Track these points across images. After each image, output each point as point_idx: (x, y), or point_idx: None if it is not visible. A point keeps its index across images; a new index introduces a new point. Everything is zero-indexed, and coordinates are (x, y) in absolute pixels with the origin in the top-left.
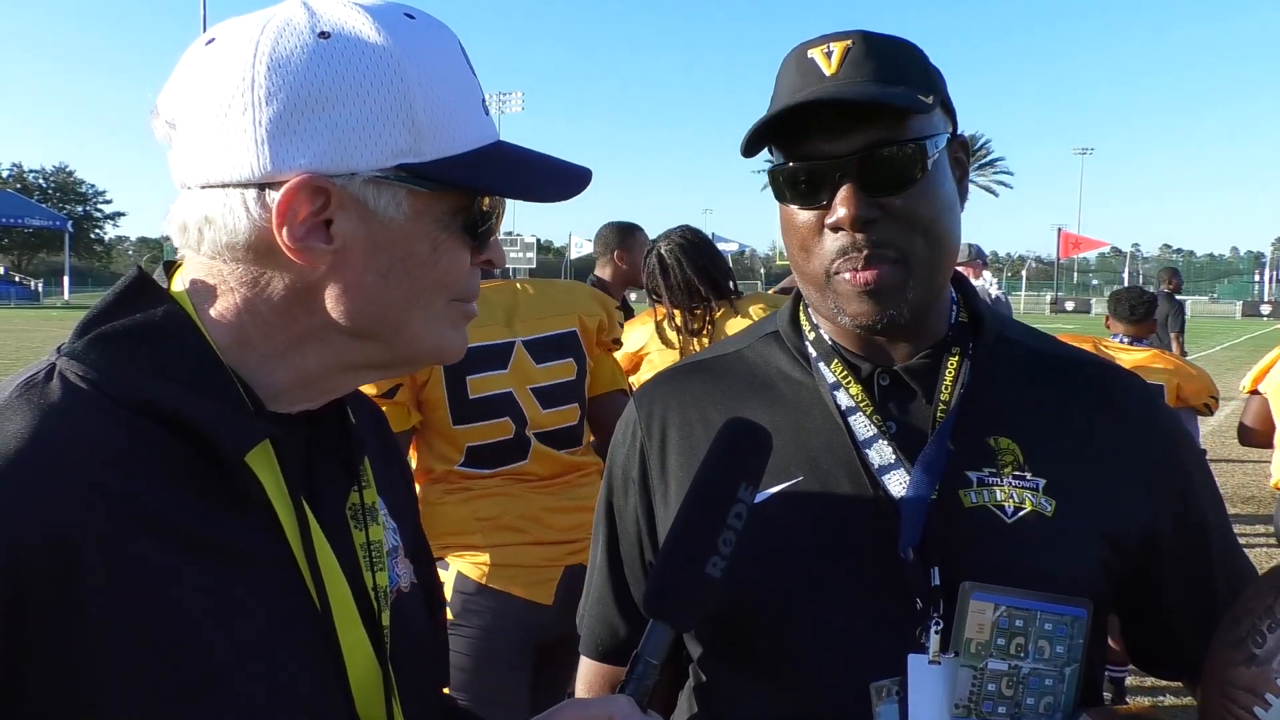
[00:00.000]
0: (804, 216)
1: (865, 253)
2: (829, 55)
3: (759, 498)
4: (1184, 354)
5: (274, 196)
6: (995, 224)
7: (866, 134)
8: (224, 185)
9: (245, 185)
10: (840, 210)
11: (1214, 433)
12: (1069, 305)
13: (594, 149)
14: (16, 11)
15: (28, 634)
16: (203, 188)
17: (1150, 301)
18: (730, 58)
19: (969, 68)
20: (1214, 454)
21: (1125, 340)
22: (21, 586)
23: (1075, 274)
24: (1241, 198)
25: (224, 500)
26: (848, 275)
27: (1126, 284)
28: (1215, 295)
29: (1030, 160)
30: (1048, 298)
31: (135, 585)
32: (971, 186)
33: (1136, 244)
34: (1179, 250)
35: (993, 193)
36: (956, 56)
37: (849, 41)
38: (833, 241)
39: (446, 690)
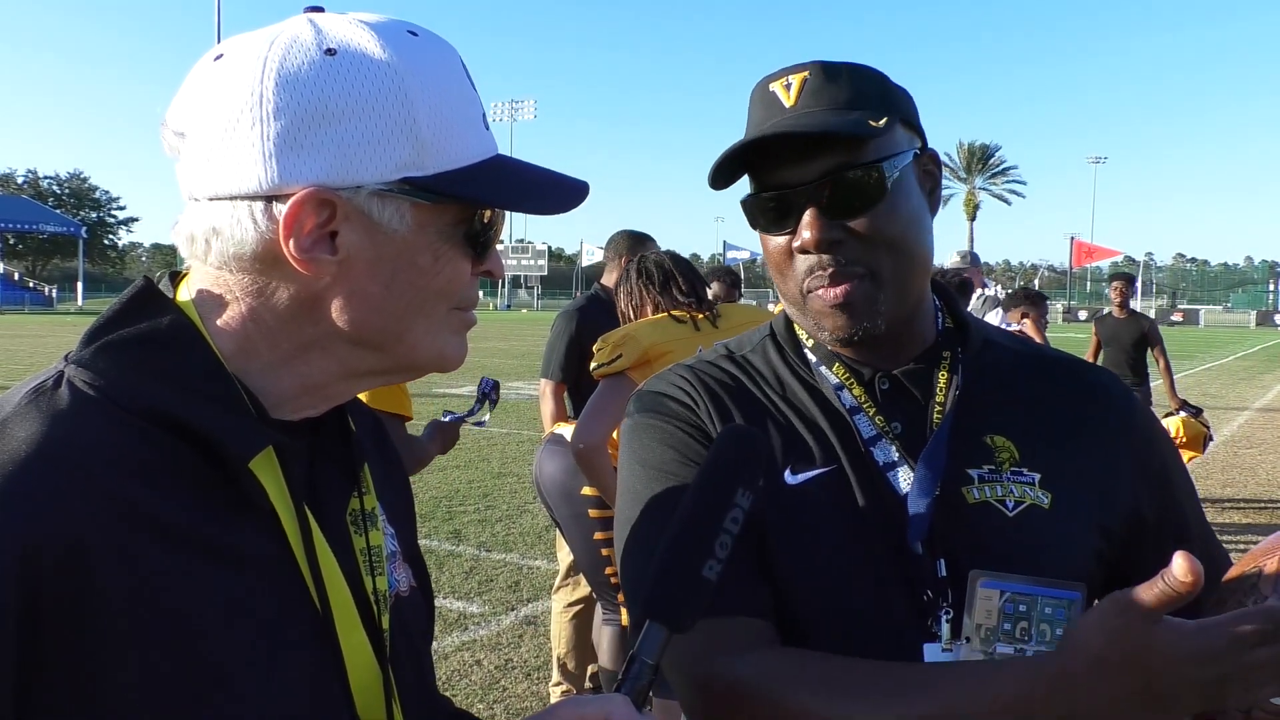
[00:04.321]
0: (776, 242)
1: (831, 270)
2: (788, 88)
3: (796, 479)
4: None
5: (281, 209)
6: (1008, 233)
7: (825, 160)
8: (232, 197)
9: (253, 197)
10: (805, 234)
11: (1228, 442)
12: (1082, 315)
13: (606, 156)
14: (29, 11)
15: (41, 638)
16: (210, 200)
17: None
18: (744, 66)
19: (982, 76)
20: (1226, 464)
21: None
22: (34, 592)
23: (1089, 283)
24: (1256, 207)
25: (228, 505)
26: (820, 292)
27: (1140, 294)
28: (1229, 305)
29: (1043, 169)
30: (1060, 307)
31: (143, 588)
32: (984, 195)
33: (1150, 253)
34: (1193, 259)
35: (1005, 201)
36: (969, 64)
37: (805, 73)
38: (803, 263)
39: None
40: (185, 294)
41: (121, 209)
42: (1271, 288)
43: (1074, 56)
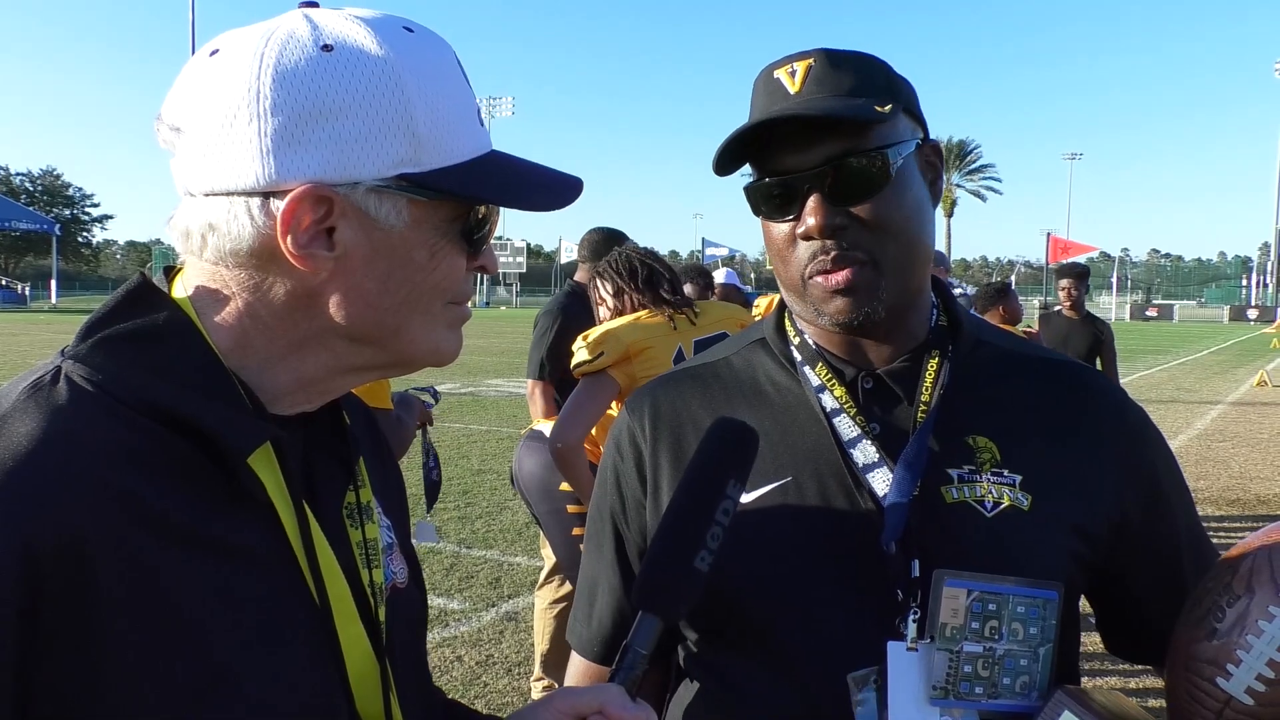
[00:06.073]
0: (779, 228)
1: (834, 254)
2: (793, 74)
3: (750, 497)
4: None
5: (278, 205)
6: (984, 229)
7: (830, 146)
8: (229, 193)
9: (250, 194)
10: (809, 220)
11: (1200, 436)
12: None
13: (584, 154)
14: (3, 13)
15: (42, 636)
16: (207, 195)
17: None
18: (721, 63)
19: (958, 74)
20: (1200, 457)
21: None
22: (36, 590)
23: None
24: (1229, 203)
25: (227, 500)
26: (820, 279)
27: (1115, 289)
28: (1203, 300)
29: (1019, 165)
30: (1036, 302)
31: (144, 585)
32: (961, 191)
33: (1126, 249)
34: (1167, 255)
35: (981, 198)
36: (946, 62)
37: (810, 60)
38: (805, 249)
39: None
40: (180, 290)
41: (95, 206)
42: (1244, 283)
43: (1050, 54)
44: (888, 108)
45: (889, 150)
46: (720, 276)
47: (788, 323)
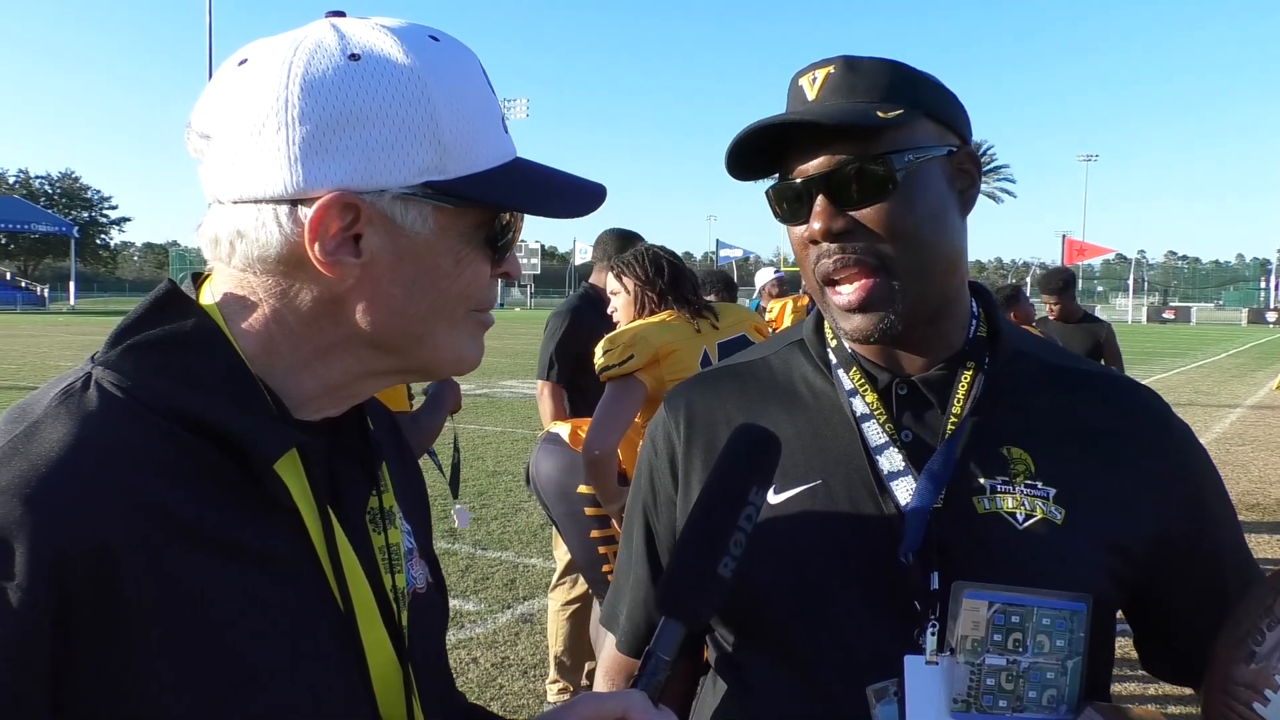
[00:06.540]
0: (795, 232)
1: (836, 258)
2: (813, 81)
3: (779, 498)
4: None
5: (306, 212)
6: (1000, 231)
7: (836, 151)
8: (257, 201)
9: (278, 201)
10: (815, 224)
11: (1219, 440)
12: None
13: (598, 156)
14: (20, 14)
15: (72, 640)
16: (235, 203)
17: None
18: (735, 65)
19: (973, 75)
20: (1218, 461)
21: None
22: (66, 594)
23: (1081, 281)
24: (1247, 204)
25: (253, 505)
26: (835, 296)
27: (1131, 291)
28: (1221, 302)
29: (1035, 167)
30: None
31: (171, 589)
32: None
33: (1142, 250)
34: (1184, 257)
35: (996, 199)
36: (960, 63)
37: (831, 67)
38: (814, 253)
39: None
40: (208, 296)
41: (113, 209)
42: (1263, 285)
43: (1065, 54)
44: (892, 114)
45: (893, 156)
46: (768, 275)
47: (826, 324)
